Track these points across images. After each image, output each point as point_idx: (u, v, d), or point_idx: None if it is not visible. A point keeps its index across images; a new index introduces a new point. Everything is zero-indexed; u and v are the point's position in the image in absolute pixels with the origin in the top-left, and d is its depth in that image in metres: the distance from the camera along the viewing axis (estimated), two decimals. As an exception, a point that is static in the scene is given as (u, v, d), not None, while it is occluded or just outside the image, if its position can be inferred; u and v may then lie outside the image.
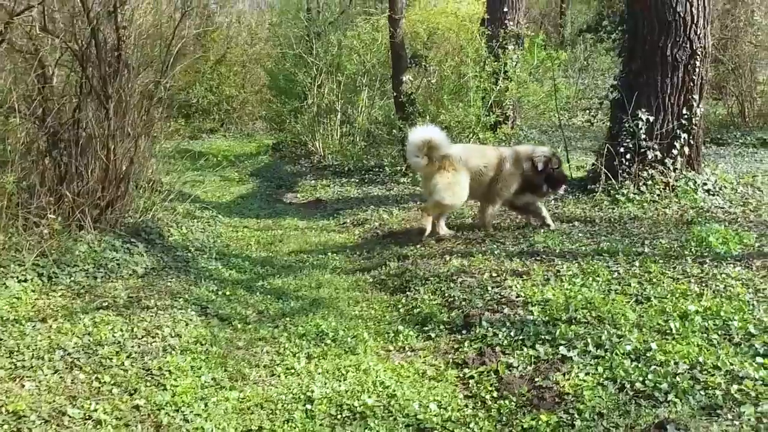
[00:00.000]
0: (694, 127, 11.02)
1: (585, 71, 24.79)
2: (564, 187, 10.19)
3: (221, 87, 26.86)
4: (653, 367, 5.38)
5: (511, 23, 17.21)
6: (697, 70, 10.92)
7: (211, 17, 27.53)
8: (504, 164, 9.72)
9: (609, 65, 22.63)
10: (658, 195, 10.69)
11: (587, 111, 17.12)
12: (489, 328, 6.40)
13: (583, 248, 8.60)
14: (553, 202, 11.25)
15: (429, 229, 9.79)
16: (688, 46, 10.87)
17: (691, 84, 10.93)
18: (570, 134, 17.95)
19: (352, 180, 15.26)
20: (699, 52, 10.90)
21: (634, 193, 10.75)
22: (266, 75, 23.17)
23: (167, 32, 10.66)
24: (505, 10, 17.24)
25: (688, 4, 10.81)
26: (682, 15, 10.81)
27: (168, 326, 6.74)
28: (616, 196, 10.74)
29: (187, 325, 6.88)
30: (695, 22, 10.85)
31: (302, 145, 19.23)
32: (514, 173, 9.72)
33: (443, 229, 9.86)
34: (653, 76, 10.96)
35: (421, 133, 9.61)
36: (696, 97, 10.99)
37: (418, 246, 9.52)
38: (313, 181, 15.78)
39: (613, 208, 10.42)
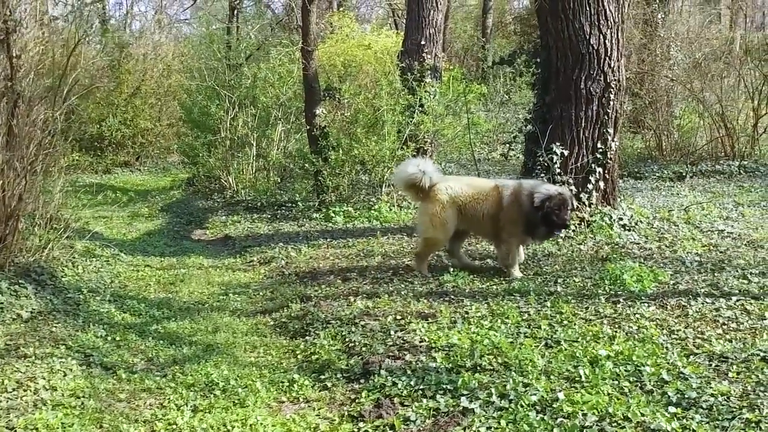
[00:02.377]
0: (609, 161, 10.81)
1: (505, 105, 24.73)
2: (563, 230, 9.54)
3: (136, 120, 26.20)
4: (559, 419, 5.03)
5: (429, 56, 16.99)
6: (611, 103, 10.72)
7: (125, 48, 26.85)
8: (503, 198, 9.02)
9: (529, 99, 22.58)
10: (573, 231, 10.43)
11: (506, 145, 16.89)
12: (388, 377, 5.97)
13: (494, 287, 8.29)
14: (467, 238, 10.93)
15: (425, 272, 9.22)
16: (602, 79, 10.67)
17: (606, 117, 10.72)
18: (488, 168, 17.76)
19: (264, 216, 14.79)
20: (613, 85, 10.72)
21: (548, 229, 10.47)
22: (180, 108, 22.63)
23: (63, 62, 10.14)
24: (423, 42, 17.04)
25: (601, 37, 10.62)
26: (595, 48, 10.62)
27: (43, 377, 6.26)
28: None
29: (65, 375, 6.39)
30: (609, 55, 10.67)
31: (216, 179, 18.72)
32: (513, 209, 8.94)
33: (424, 270, 9.26)
34: (567, 110, 10.72)
35: (405, 168, 9.28)
36: (611, 130, 10.78)
37: (323, 286, 9.07)
38: (224, 217, 15.28)
39: (527, 245, 10.12)
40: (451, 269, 9.03)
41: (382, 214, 13.37)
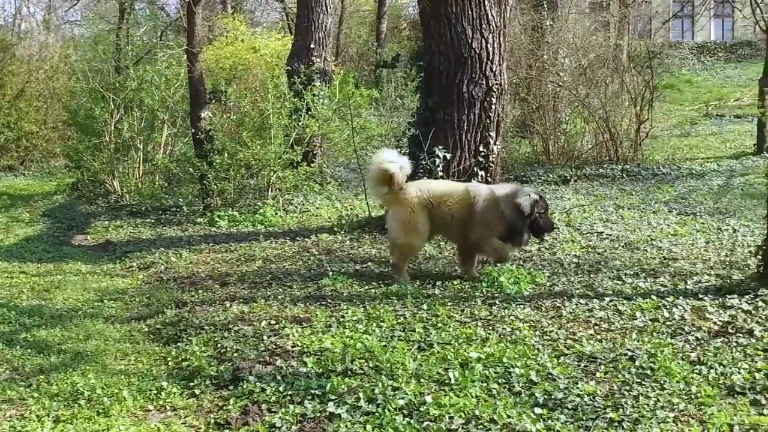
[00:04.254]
0: (491, 164, 10.88)
1: (398, 109, 24.74)
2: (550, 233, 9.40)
3: (20, 123, 25.44)
4: (426, 423, 5.00)
5: (318, 60, 16.96)
6: (493, 107, 10.80)
7: (9, 49, 26.05)
8: (475, 203, 8.64)
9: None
10: (456, 234, 10.44)
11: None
12: (257, 383, 5.85)
13: (373, 291, 8.22)
14: (347, 242, 10.86)
15: (406, 277, 8.77)
16: (484, 82, 10.73)
17: (488, 121, 10.79)
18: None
19: (148, 220, 14.46)
20: (495, 89, 10.80)
21: (431, 232, 10.48)
22: (65, 111, 22.04)
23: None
24: (312, 46, 17.02)
25: (483, 40, 10.69)
26: (477, 51, 10.68)
27: None
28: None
29: None
30: (491, 59, 10.74)
31: (101, 184, 18.25)
32: (490, 215, 8.60)
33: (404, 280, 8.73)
34: (450, 113, 10.75)
35: (382, 159, 8.68)
36: (493, 134, 10.86)
37: (200, 292, 8.88)
38: (106, 222, 14.89)
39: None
40: (331, 273, 8.95)
41: (267, 218, 13.21)
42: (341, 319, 7.23)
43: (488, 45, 10.73)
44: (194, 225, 13.50)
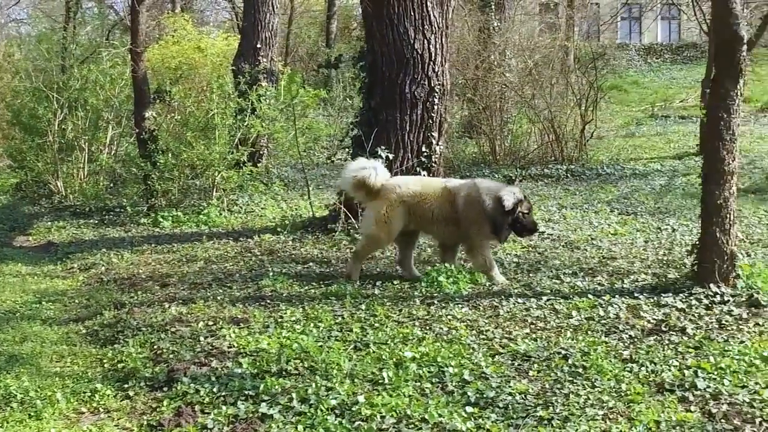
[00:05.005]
0: (433, 164, 10.93)
1: (347, 110, 24.75)
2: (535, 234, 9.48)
3: (-40, 123, 24.98)
4: (357, 422, 5.01)
5: (265, 60, 16.93)
6: (435, 107, 10.85)
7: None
8: (456, 199, 8.61)
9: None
10: (399, 234, 10.47)
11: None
12: (191, 384, 5.82)
13: (313, 291, 8.22)
14: (290, 242, 10.85)
15: (355, 276, 8.73)
16: (426, 83, 10.78)
17: (431, 121, 10.84)
18: (327, 172, 17.68)
19: (91, 221, 14.30)
20: (437, 90, 10.85)
21: (374, 233, 10.50)
22: (7, 110, 21.66)
23: None
24: (258, 46, 17.00)
25: (425, 41, 10.74)
26: (420, 52, 10.73)
27: None
28: (356, 235, 10.44)
29: None
30: (433, 59, 10.80)
31: (45, 184, 18.02)
32: (472, 210, 8.56)
33: (356, 273, 8.78)
34: (393, 114, 10.79)
35: (354, 167, 8.76)
36: (435, 134, 10.91)
37: (139, 293, 8.82)
38: (49, 223, 14.69)
39: (352, 248, 10.08)
40: (271, 273, 8.94)
41: (211, 218, 13.15)
42: (279, 320, 7.23)
43: (430, 46, 10.78)
44: (138, 226, 13.38)
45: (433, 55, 10.79)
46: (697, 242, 7.85)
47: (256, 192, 14.56)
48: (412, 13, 10.70)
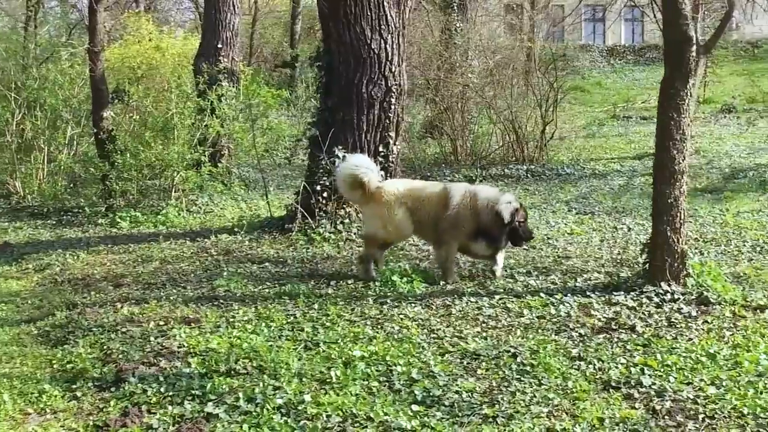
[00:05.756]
0: (391, 164, 10.92)
1: (309, 110, 24.70)
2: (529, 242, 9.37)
3: None
4: (303, 421, 5.02)
5: (225, 60, 16.84)
6: (392, 107, 10.85)
7: None
8: (450, 201, 8.57)
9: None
10: (355, 233, 10.48)
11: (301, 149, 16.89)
12: (138, 384, 5.81)
13: (266, 291, 8.20)
14: (247, 242, 10.80)
15: (370, 275, 8.59)
16: (383, 83, 10.78)
17: (388, 121, 10.84)
18: (288, 173, 17.65)
19: (49, 222, 14.15)
20: (394, 90, 10.85)
21: (330, 232, 10.50)
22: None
23: None
24: (219, 46, 16.89)
25: (382, 41, 10.74)
26: (377, 52, 10.72)
27: None
28: (312, 235, 10.43)
29: None
30: (390, 59, 10.80)
31: (3, 185, 17.82)
32: (463, 213, 8.51)
33: (368, 273, 8.65)
34: (350, 113, 10.76)
35: (349, 166, 8.70)
36: (392, 134, 10.92)
37: (92, 293, 8.75)
38: (6, 224, 14.52)
39: (308, 248, 10.09)
40: (225, 273, 8.92)
41: (170, 219, 13.06)
42: (231, 320, 7.22)
43: (387, 46, 10.78)
44: (95, 226, 13.26)
45: (389, 54, 10.79)
46: (649, 241, 7.92)
47: (216, 192, 14.49)
48: (369, 13, 10.69)
